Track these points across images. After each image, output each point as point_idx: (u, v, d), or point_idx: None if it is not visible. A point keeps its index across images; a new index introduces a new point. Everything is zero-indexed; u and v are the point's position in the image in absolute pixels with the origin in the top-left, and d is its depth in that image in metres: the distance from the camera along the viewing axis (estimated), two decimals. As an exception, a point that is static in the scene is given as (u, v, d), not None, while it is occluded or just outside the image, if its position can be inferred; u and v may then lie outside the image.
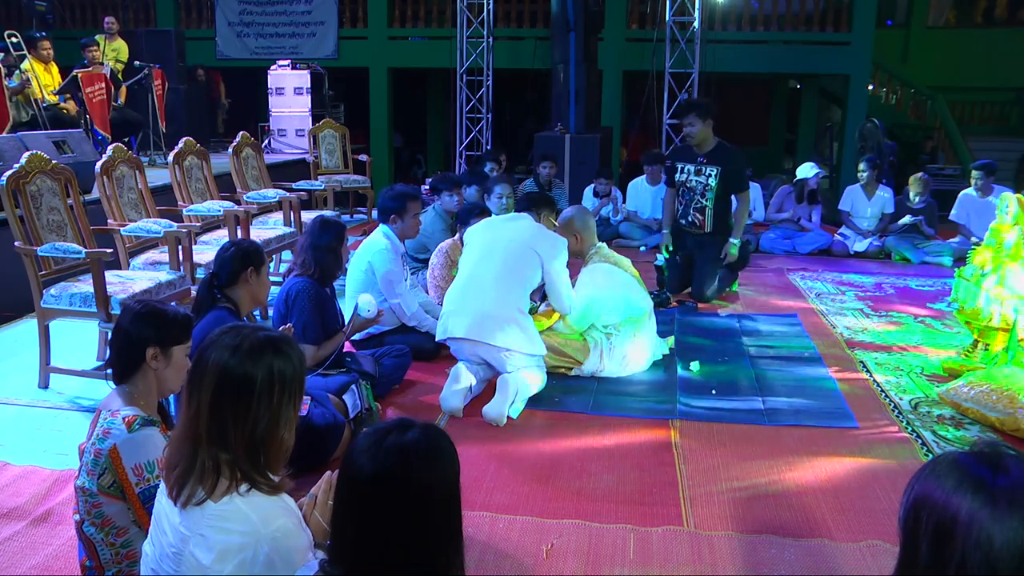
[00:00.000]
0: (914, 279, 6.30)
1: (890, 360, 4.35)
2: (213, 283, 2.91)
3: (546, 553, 2.48)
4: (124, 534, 1.97)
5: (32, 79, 6.98)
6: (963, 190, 7.15)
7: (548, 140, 8.57)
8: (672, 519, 2.69)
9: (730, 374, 4.11)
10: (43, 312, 3.78)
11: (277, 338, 1.60)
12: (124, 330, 2.03)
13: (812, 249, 7.24)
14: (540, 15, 11.33)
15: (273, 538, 1.50)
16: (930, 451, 3.24)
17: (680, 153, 5.77)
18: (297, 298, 3.38)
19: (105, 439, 1.92)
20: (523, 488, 2.90)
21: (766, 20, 11.05)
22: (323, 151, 8.38)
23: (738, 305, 5.49)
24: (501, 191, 5.35)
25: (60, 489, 2.80)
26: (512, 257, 3.73)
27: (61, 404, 3.64)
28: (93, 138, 6.88)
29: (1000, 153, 11.24)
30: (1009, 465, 1.09)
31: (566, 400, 3.75)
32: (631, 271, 4.15)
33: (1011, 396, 3.36)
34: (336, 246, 3.52)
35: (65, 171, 4.17)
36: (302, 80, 9.85)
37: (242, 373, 1.53)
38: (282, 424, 1.57)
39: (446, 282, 4.47)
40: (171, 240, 4.23)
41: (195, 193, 5.49)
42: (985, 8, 13.71)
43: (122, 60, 8.91)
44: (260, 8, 11.81)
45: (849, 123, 10.72)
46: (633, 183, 7.74)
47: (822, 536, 2.60)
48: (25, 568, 2.36)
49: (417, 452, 1.29)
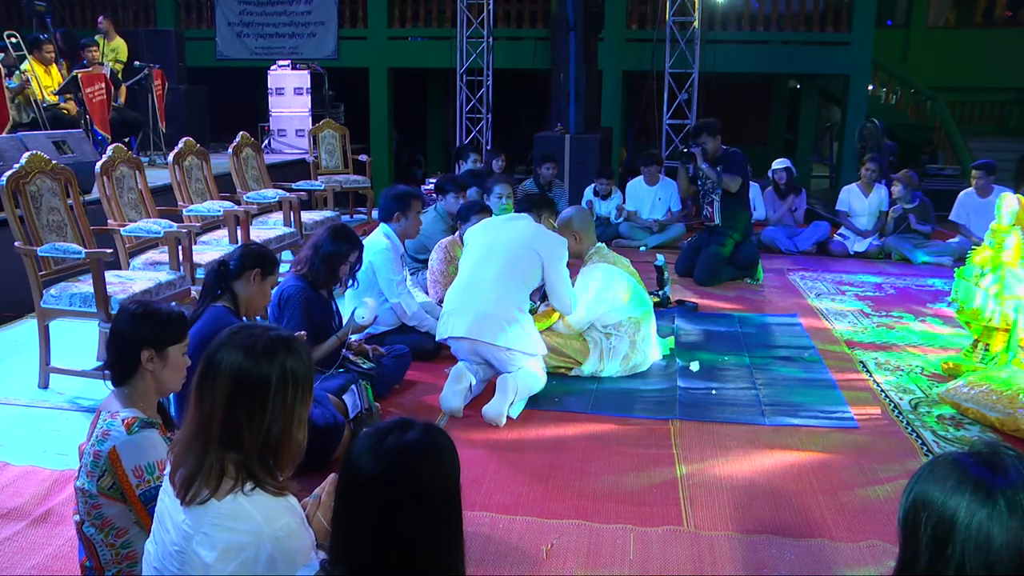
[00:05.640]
0: (914, 279, 6.30)
1: (890, 360, 4.35)
2: (220, 270, 2.90)
3: (546, 553, 2.48)
4: (124, 535, 1.97)
5: (32, 80, 6.98)
6: (963, 190, 7.15)
7: (548, 140, 8.57)
8: (672, 519, 2.69)
9: (730, 374, 4.11)
10: (43, 312, 3.78)
11: (287, 336, 1.61)
12: (119, 333, 2.02)
13: (812, 243, 7.30)
14: (540, 15, 11.33)
15: (276, 537, 1.50)
16: (930, 451, 3.24)
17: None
18: (288, 302, 3.38)
19: (104, 441, 1.92)
20: (523, 488, 2.90)
21: (766, 20, 11.04)
22: (323, 151, 8.37)
23: (737, 304, 5.51)
24: (501, 191, 5.36)
25: (60, 489, 2.80)
26: (512, 257, 3.73)
27: (61, 404, 3.64)
28: (93, 138, 6.87)
29: (1000, 153, 11.22)
30: (1008, 465, 1.10)
31: (566, 400, 3.75)
32: (631, 271, 4.16)
33: (1011, 396, 3.36)
34: (335, 261, 3.47)
35: (65, 171, 4.17)
36: (302, 80, 9.84)
37: (258, 374, 1.53)
38: (295, 423, 1.58)
39: (445, 278, 4.47)
40: (171, 240, 4.23)
41: (195, 193, 5.49)
42: (985, 8, 13.71)
43: (121, 60, 8.90)
44: (260, 8, 11.79)
45: (849, 123, 10.71)
46: (632, 183, 7.74)
47: (822, 536, 2.60)
48: (25, 568, 2.36)
49: (418, 452, 1.29)
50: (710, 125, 6.05)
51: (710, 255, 6.06)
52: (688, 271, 6.22)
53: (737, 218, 6.10)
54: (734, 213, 6.08)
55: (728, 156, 5.94)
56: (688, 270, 6.23)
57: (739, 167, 5.92)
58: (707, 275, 6.03)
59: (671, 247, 7.15)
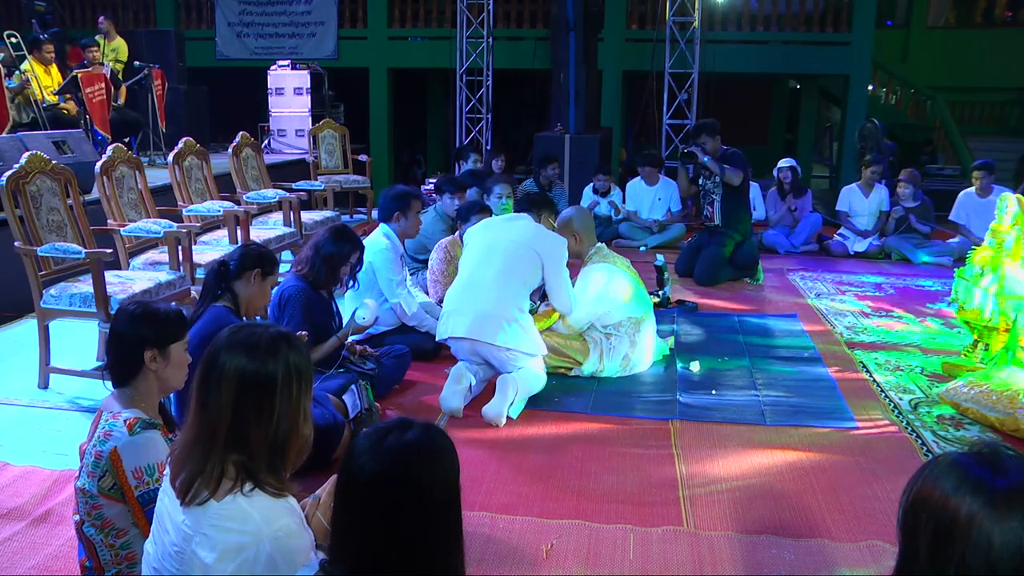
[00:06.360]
0: (914, 279, 6.30)
1: (890, 360, 4.35)
2: (221, 271, 2.90)
3: (546, 553, 2.48)
4: (124, 535, 1.97)
5: (32, 80, 6.98)
6: (963, 190, 7.15)
7: (548, 140, 8.57)
8: (672, 519, 2.69)
9: (730, 374, 4.11)
10: (43, 312, 3.78)
11: (287, 332, 1.62)
12: (120, 334, 2.02)
13: (806, 236, 7.30)
14: (540, 15, 11.33)
15: (275, 538, 1.50)
16: (930, 451, 3.24)
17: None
18: (289, 303, 3.38)
19: (106, 441, 1.92)
20: (523, 488, 2.90)
21: (766, 20, 11.05)
22: (323, 151, 8.37)
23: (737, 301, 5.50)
24: (501, 191, 5.35)
25: (60, 489, 2.80)
26: (512, 257, 3.73)
27: (61, 404, 3.64)
28: (93, 138, 6.87)
29: (1000, 153, 11.23)
30: (1008, 466, 1.10)
31: (566, 400, 3.75)
32: (630, 271, 4.16)
33: (1011, 396, 3.36)
34: (336, 262, 3.47)
35: (65, 171, 4.17)
36: (302, 80, 9.84)
37: (264, 372, 1.54)
38: (301, 417, 1.59)
39: (445, 278, 4.48)
40: (171, 240, 4.23)
41: (195, 193, 5.49)
42: (985, 8, 13.71)
43: (122, 60, 8.90)
44: (260, 8, 11.80)
45: (849, 123, 10.72)
46: (631, 183, 7.74)
47: (822, 536, 2.60)
48: (25, 568, 2.36)
49: (417, 452, 1.29)
50: (710, 125, 6.07)
51: (710, 255, 6.07)
52: (688, 271, 6.23)
53: (737, 218, 6.11)
54: (734, 213, 6.09)
55: (728, 156, 5.96)
56: (688, 270, 6.23)
57: (740, 164, 5.94)
58: (707, 275, 6.03)
59: (671, 247, 7.15)
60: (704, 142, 5.94)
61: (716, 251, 6.06)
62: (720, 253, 6.06)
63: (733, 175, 5.88)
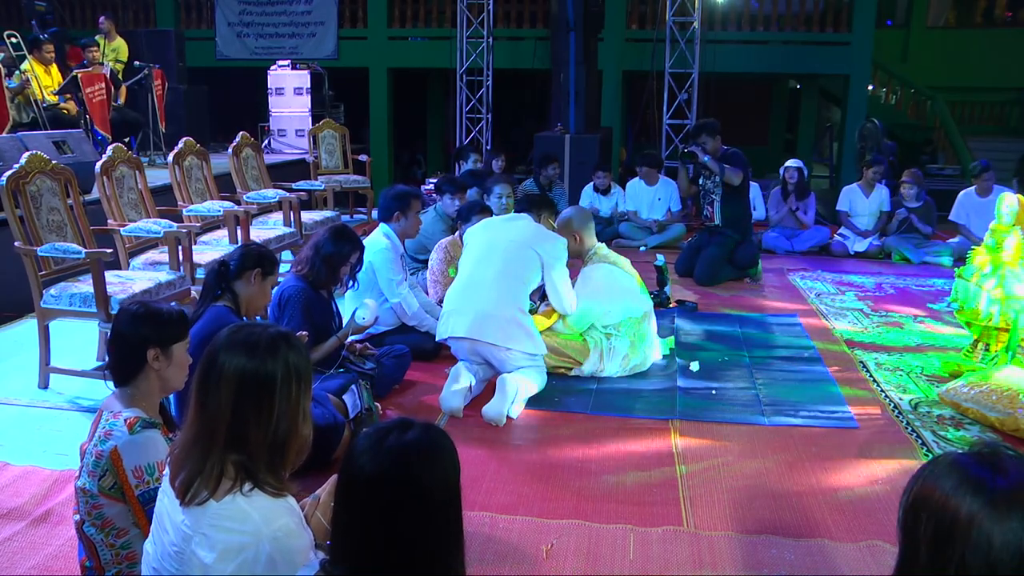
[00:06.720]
0: (914, 279, 6.30)
1: (890, 360, 4.35)
2: (221, 270, 2.90)
3: (546, 553, 2.48)
4: (124, 535, 1.97)
5: (32, 79, 6.98)
6: (963, 190, 7.15)
7: (548, 140, 8.57)
8: (672, 519, 2.69)
9: (730, 374, 4.11)
10: (43, 312, 3.78)
11: (286, 332, 1.62)
12: (122, 334, 2.02)
13: (810, 246, 7.26)
14: (540, 15, 11.33)
15: (275, 538, 1.50)
16: (930, 451, 3.24)
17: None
18: (289, 303, 3.38)
19: (106, 440, 1.92)
20: (523, 488, 2.90)
21: (766, 20, 11.04)
22: (323, 151, 8.37)
23: (737, 299, 5.50)
24: (501, 191, 5.35)
25: (60, 489, 2.80)
26: (512, 257, 3.73)
27: (61, 404, 3.64)
28: (93, 138, 6.87)
29: (1000, 153, 11.22)
30: (1008, 466, 1.10)
31: (566, 400, 3.75)
32: (631, 271, 4.16)
33: (1011, 396, 3.36)
34: (336, 262, 3.47)
35: (65, 171, 4.17)
36: (302, 80, 9.84)
37: (264, 372, 1.54)
38: (301, 417, 1.59)
39: (445, 278, 4.48)
40: (171, 240, 4.23)
41: (195, 193, 5.49)
42: (985, 8, 13.71)
43: (122, 60, 8.90)
44: (260, 8, 11.79)
45: (849, 123, 10.71)
46: (631, 183, 7.73)
47: (822, 536, 2.60)
48: (25, 568, 2.36)
49: (418, 452, 1.29)
50: (710, 125, 6.08)
51: (710, 255, 6.08)
52: (688, 271, 6.24)
53: (737, 218, 6.12)
54: (734, 213, 6.10)
55: (728, 155, 5.97)
56: (688, 270, 6.24)
57: (740, 164, 5.95)
58: (707, 275, 6.04)
59: (671, 247, 7.15)
60: (704, 142, 5.95)
61: (716, 251, 6.07)
62: (720, 253, 6.07)
63: (733, 175, 5.88)
